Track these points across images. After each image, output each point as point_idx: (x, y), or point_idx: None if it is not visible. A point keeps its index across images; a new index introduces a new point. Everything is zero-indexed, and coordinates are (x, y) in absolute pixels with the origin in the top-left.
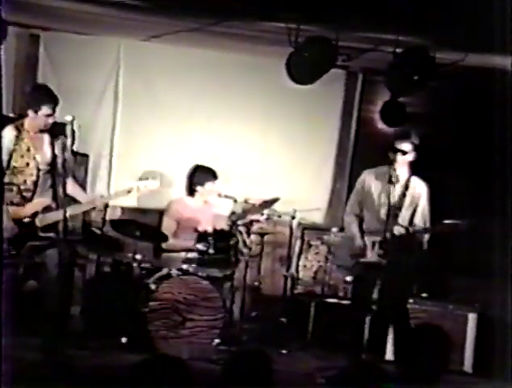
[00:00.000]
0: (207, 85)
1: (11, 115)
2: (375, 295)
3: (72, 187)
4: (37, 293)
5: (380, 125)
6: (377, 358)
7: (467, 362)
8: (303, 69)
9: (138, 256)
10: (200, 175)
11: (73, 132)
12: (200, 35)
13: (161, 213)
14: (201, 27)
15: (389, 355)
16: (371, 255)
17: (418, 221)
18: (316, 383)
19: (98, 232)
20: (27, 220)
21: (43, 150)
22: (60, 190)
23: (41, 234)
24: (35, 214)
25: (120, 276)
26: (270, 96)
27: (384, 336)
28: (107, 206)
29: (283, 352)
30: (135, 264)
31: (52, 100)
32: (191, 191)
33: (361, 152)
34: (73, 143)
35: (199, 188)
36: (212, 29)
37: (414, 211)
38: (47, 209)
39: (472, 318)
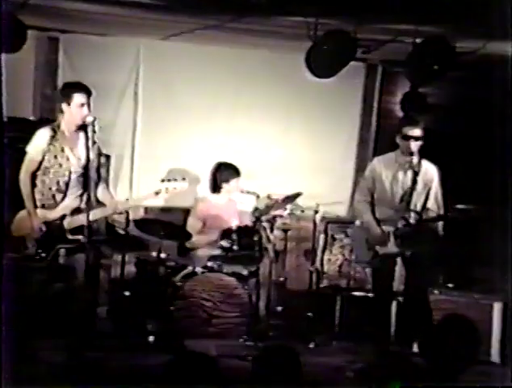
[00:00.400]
0: (227, 82)
1: (32, 118)
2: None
3: (102, 192)
4: (64, 295)
5: (401, 116)
6: (405, 350)
7: (494, 352)
8: (322, 63)
9: (163, 255)
10: (224, 172)
11: (94, 133)
12: (218, 33)
13: (185, 211)
14: (219, 24)
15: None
16: (391, 245)
17: (431, 205)
18: (346, 376)
19: (122, 232)
20: (56, 222)
21: (77, 153)
22: (92, 193)
23: (70, 237)
24: (63, 217)
25: (145, 275)
26: (291, 91)
27: (410, 328)
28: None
29: (311, 346)
30: (160, 263)
31: (83, 89)
32: (216, 189)
33: (382, 144)
34: (94, 144)
35: (224, 185)
36: (230, 25)
37: (427, 196)
38: (76, 212)
39: (497, 307)
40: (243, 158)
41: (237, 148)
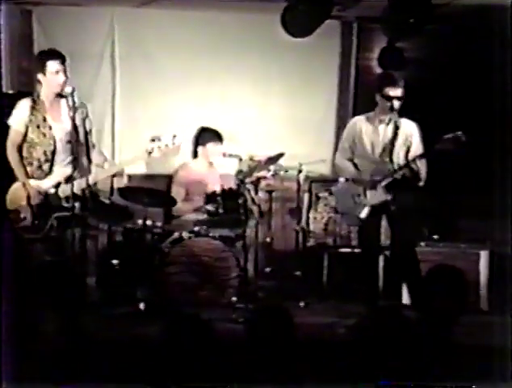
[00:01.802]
0: (204, 46)
1: (10, 92)
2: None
3: (96, 155)
4: (53, 267)
5: (379, 72)
6: (394, 303)
7: (482, 300)
8: (298, 23)
9: (148, 222)
10: (204, 137)
11: (73, 103)
12: None
13: (168, 178)
14: None
15: (406, 299)
16: (379, 194)
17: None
18: (337, 333)
19: (107, 201)
20: (51, 191)
21: (61, 120)
22: (84, 160)
23: (65, 205)
24: (58, 185)
25: (132, 243)
26: (268, 53)
27: (398, 281)
28: (113, 175)
29: (301, 305)
30: (146, 231)
31: (56, 56)
32: (195, 154)
33: (362, 100)
34: (77, 110)
35: (200, 149)
36: None
37: (407, 151)
38: (69, 180)
39: (484, 255)
40: (223, 122)
41: (217, 112)
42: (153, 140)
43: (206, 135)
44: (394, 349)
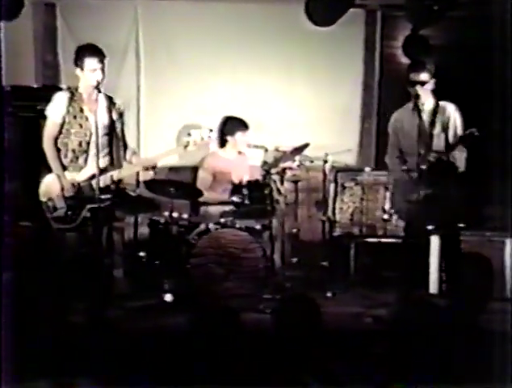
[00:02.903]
0: (228, 37)
1: (34, 86)
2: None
3: (129, 152)
4: (86, 258)
5: (404, 60)
6: (422, 293)
7: (508, 287)
8: (322, 12)
9: (175, 214)
10: (230, 126)
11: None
12: None
13: (193, 170)
14: None
15: (432, 288)
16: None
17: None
18: (365, 323)
19: (133, 194)
20: (85, 183)
21: (98, 112)
22: (119, 153)
23: (100, 197)
24: (92, 177)
25: (159, 235)
26: (292, 42)
27: (426, 270)
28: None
29: (328, 295)
30: (172, 223)
31: (95, 53)
32: (223, 143)
33: (387, 89)
34: (115, 104)
35: (229, 139)
36: None
37: (446, 135)
38: (103, 172)
39: (509, 243)
40: (248, 113)
41: (242, 102)
42: (189, 134)
43: (233, 124)
44: (422, 339)
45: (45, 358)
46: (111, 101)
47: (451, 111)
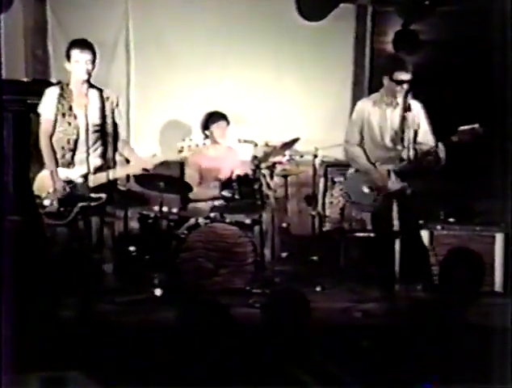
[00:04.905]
0: (218, 31)
1: (25, 80)
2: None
3: (127, 149)
4: (76, 253)
5: (390, 55)
6: (410, 288)
7: (497, 282)
8: (313, 6)
9: (165, 209)
10: (206, 120)
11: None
12: None
13: (182, 165)
14: None
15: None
16: (392, 183)
17: (422, 139)
18: (354, 317)
19: (123, 188)
20: (79, 181)
21: (88, 109)
22: (112, 150)
23: (92, 195)
24: (86, 175)
25: (149, 230)
26: (282, 36)
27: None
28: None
29: (318, 289)
30: (162, 217)
31: (82, 46)
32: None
33: (377, 84)
34: (107, 99)
35: (207, 133)
36: None
37: (416, 132)
38: (98, 170)
39: (499, 237)
40: (238, 107)
41: (231, 96)
42: (184, 139)
43: (210, 118)
44: (410, 333)
45: (34, 353)
46: (102, 95)
47: (419, 109)
